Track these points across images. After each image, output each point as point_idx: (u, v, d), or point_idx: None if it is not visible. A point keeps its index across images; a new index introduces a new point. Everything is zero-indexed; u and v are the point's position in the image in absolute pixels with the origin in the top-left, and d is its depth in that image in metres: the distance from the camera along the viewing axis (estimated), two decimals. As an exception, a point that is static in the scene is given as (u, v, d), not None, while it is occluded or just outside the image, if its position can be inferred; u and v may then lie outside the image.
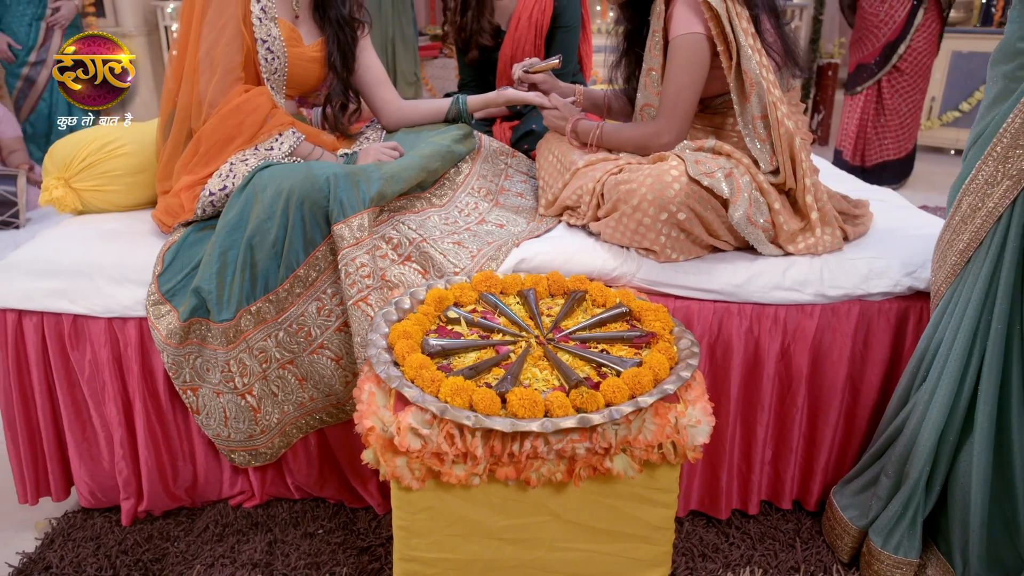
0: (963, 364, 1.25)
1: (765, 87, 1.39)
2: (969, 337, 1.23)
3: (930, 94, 4.52)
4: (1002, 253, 1.17)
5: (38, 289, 1.42)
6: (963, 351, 1.24)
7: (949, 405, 1.26)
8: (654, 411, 0.99)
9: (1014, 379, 1.22)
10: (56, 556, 1.44)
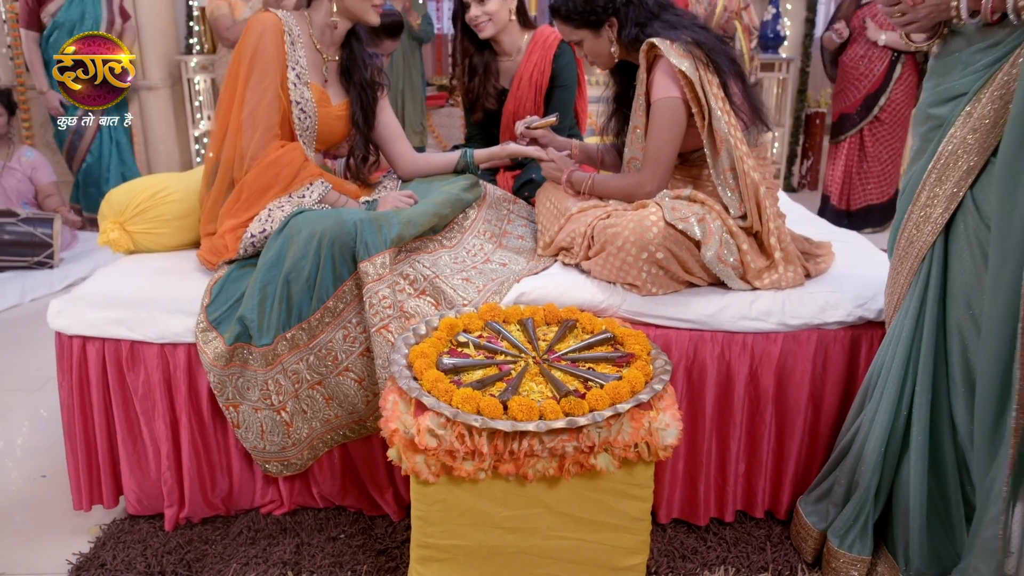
0: (899, 387, 1.44)
1: (733, 143, 1.61)
2: (903, 363, 1.43)
3: (910, 141, 4.76)
4: (927, 288, 1.38)
5: (100, 318, 1.63)
6: (899, 375, 1.43)
7: (890, 423, 1.45)
8: (630, 416, 1.18)
9: (943, 399, 1.41)
10: (109, 556, 1.62)
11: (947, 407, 1.41)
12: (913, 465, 1.44)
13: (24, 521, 1.79)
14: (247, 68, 1.71)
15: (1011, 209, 1.15)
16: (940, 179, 1.34)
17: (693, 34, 1.65)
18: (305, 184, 1.71)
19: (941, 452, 1.43)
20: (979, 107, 1.26)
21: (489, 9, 2.16)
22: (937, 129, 1.35)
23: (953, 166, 1.31)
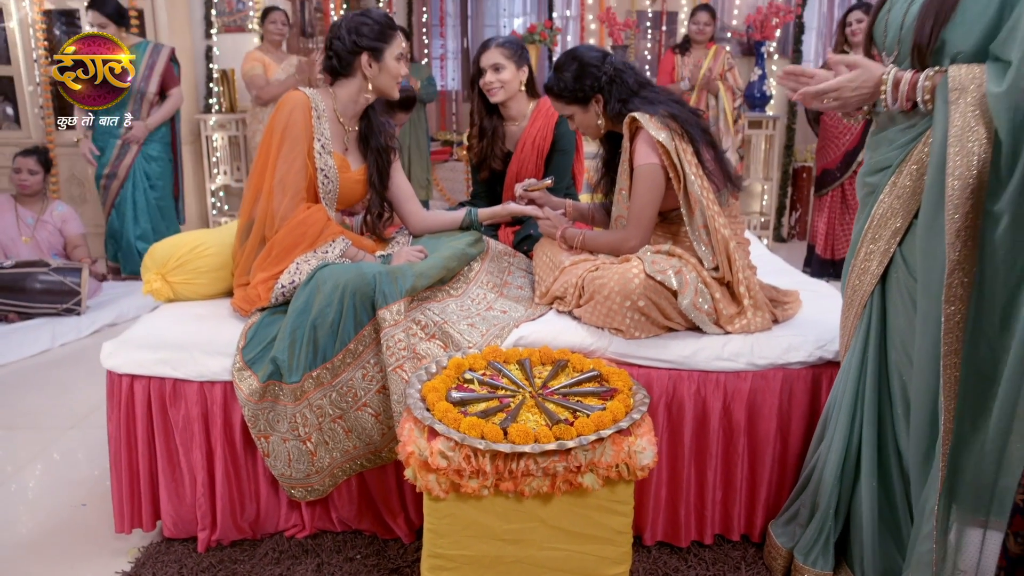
0: (850, 419, 1.64)
1: (705, 204, 1.84)
2: (852, 398, 1.63)
3: None
4: (868, 331, 1.58)
5: (147, 359, 1.84)
6: (849, 409, 1.63)
7: (843, 451, 1.64)
8: (612, 440, 1.38)
9: (888, 429, 1.60)
10: (148, 573, 1.80)
11: (892, 436, 1.60)
12: (864, 488, 1.63)
13: (69, 544, 1.97)
14: (279, 140, 1.95)
15: (931, 264, 1.36)
16: (874, 237, 1.56)
17: (669, 108, 1.89)
18: (328, 241, 1.94)
19: (889, 476, 1.62)
20: (901, 178, 1.49)
21: (503, 77, 2.42)
22: (871, 195, 1.57)
23: (884, 226, 1.53)
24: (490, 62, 2.42)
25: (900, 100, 1.41)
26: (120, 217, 4.23)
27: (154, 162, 4.30)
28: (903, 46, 1.46)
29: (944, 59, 1.38)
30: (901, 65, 1.46)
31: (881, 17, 1.52)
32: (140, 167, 4.24)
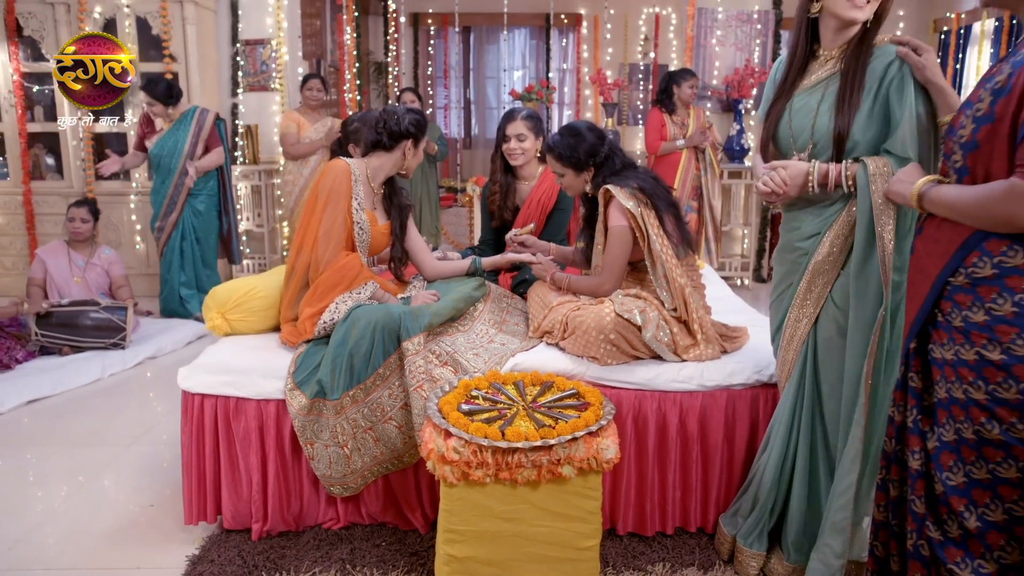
0: (786, 435, 2.06)
1: (665, 259, 2.30)
2: (789, 419, 2.06)
3: None
4: (804, 365, 2.02)
5: (214, 381, 2.28)
6: (786, 427, 2.06)
7: (780, 459, 2.06)
8: (584, 440, 1.82)
9: (817, 443, 2.03)
10: (215, 555, 2.22)
11: (822, 447, 2.03)
12: (796, 488, 2.06)
13: (144, 536, 2.39)
14: (324, 199, 2.41)
15: (862, 302, 1.82)
16: (810, 287, 1.99)
17: (640, 183, 2.35)
18: (362, 284, 2.39)
19: (816, 479, 2.05)
20: (828, 240, 1.92)
21: (525, 146, 2.90)
22: (804, 256, 2.00)
23: (818, 278, 1.96)
24: (516, 132, 2.89)
25: (829, 184, 1.85)
26: (167, 265, 4.72)
27: (200, 216, 4.80)
28: (819, 144, 1.91)
29: (850, 151, 1.84)
30: (820, 158, 1.91)
31: (783, 128, 1.97)
32: (188, 220, 4.76)
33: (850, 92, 1.84)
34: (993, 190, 1.34)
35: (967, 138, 1.42)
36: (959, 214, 1.42)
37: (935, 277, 1.46)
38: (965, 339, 1.39)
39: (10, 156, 5.68)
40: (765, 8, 6.05)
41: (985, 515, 1.33)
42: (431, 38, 9.76)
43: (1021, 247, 1.33)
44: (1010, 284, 1.34)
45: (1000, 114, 1.35)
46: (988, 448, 1.33)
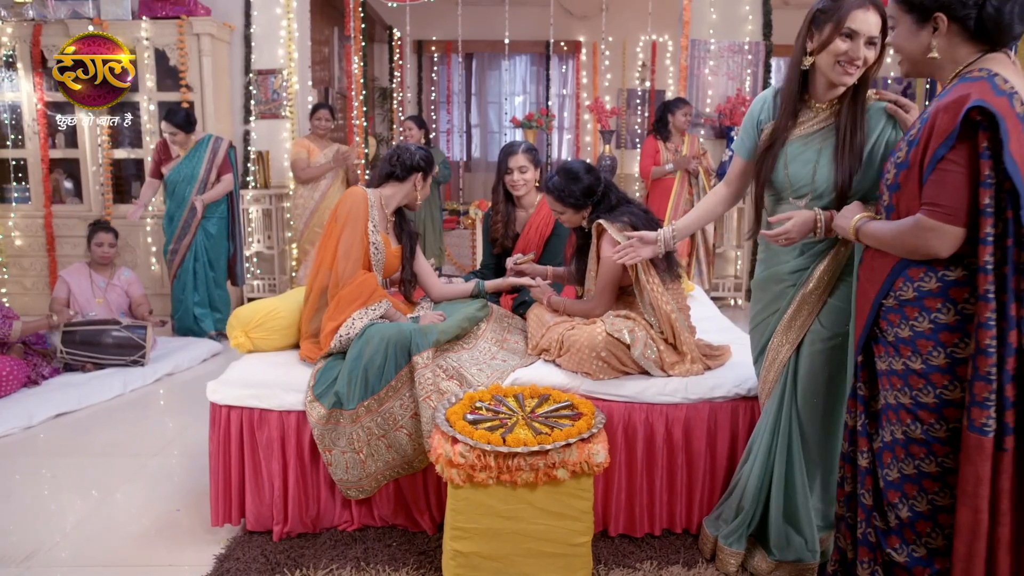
0: (768, 447, 2.27)
1: (651, 287, 2.51)
2: (771, 433, 2.26)
3: None
4: (785, 384, 2.23)
5: (240, 394, 2.49)
6: (768, 440, 2.26)
7: (762, 472, 2.27)
8: (577, 446, 2.03)
9: (796, 458, 2.23)
10: (239, 554, 2.42)
11: (799, 458, 2.23)
12: (775, 496, 2.26)
13: (173, 537, 2.59)
14: (343, 222, 2.64)
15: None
16: (795, 316, 2.18)
17: (631, 218, 2.57)
18: (377, 301, 2.61)
19: (793, 487, 2.25)
20: (817, 274, 2.11)
21: (527, 177, 3.13)
22: (790, 287, 2.19)
23: (804, 308, 2.15)
24: (517, 164, 3.12)
25: (820, 233, 2.04)
26: (181, 286, 4.96)
27: (212, 239, 5.05)
28: (819, 192, 2.08)
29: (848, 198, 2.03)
30: (819, 203, 2.09)
31: (779, 173, 2.14)
32: (201, 243, 5.00)
33: (850, 148, 2.02)
34: (905, 224, 1.57)
35: (891, 181, 1.65)
36: (885, 245, 1.65)
37: (872, 300, 1.69)
38: (895, 352, 1.62)
39: (32, 181, 5.93)
40: (756, 40, 6.31)
41: (914, 506, 1.55)
42: (435, 64, 10.06)
43: (934, 273, 1.56)
44: (927, 304, 1.57)
45: (913, 161, 1.58)
46: (913, 446, 1.55)
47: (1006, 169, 1.47)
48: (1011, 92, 1.53)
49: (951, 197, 1.53)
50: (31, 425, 3.59)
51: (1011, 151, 1.46)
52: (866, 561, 1.71)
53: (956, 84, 1.60)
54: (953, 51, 1.65)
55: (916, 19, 1.67)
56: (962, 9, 1.60)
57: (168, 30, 5.72)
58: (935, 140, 1.54)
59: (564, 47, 9.79)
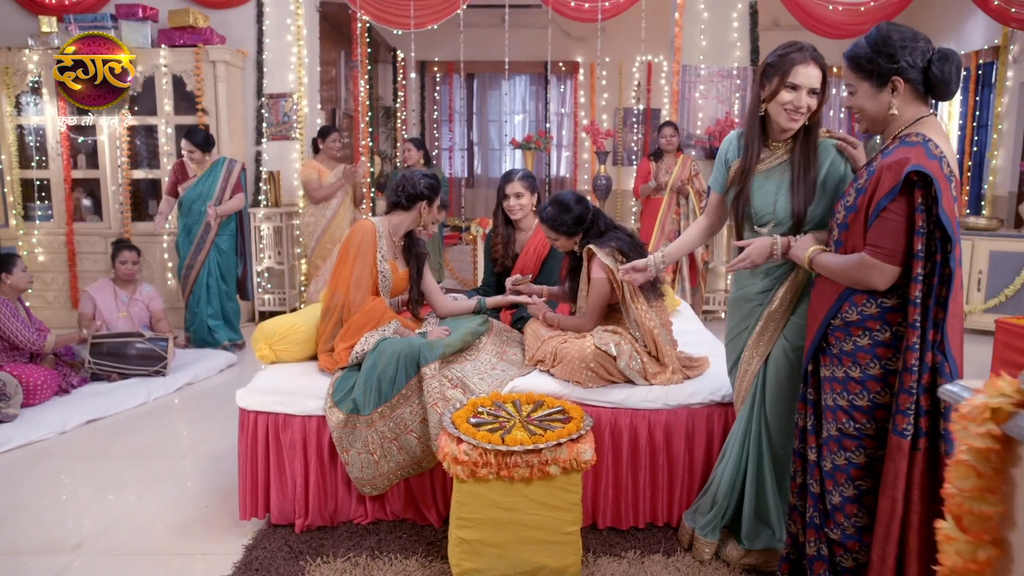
0: (740, 451, 2.55)
1: (635, 306, 2.80)
2: (743, 435, 2.54)
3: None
4: (755, 393, 2.51)
5: (266, 400, 2.78)
6: (740, 443, 2.54)
7: (735, 471, 2.54)
8: (567, 446, 2.31)
9: (765, 458, 2.51)
10: (265, 543, 2.70)
11: (768, 458, 2.50)
12: (747, 490, 2.54)
13: (204, 530, 2.87)
14: (354, 253, 2.93)
15: None
16: (763, 332, 2.47)
17: (619, 243, 2.86)
18: (386, 323, 2.90)
19: (763, 483, 2.52)
20: (779, 295, 2.40)
21: (522, 203, 3.40)
22: (758, 307, 2.48)
23: (770, 324, 2.44)
24: (514, 191, 3.40)
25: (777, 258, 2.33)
26: (196, 300, 5.25)
27: (224, 255, 5.34)
28: (779, 220, 2.35)
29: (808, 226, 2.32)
30: (780, 230, 2.36)
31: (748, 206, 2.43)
32: (214, 258, 5.28)
33: (803, 181, 2.29)
34: (851, 260, 1.86)
35: (841, 220, 1.95)
36: (833, 275, 1.94)
37: (822, 319, 1.98)
38: (839, 362, 1.91)
39: (55, 200, 6.23)
40: (744, 65, 6.63)
41: (843, 492, 1.83)
42: (437, 84, 10.38)
43: (874, 300, 1.85)
44: (868, 325, 1.86)
45: (860, 206, 1.88)
46: (846, 440, 1.84)
47: (939, 220, 1.77)
48: (941, 156, 1.84)
49: (891, 241, 1.83)
50: (65, 430, 3.88)
51: (944, 206, 1.77)
52: (812, 540, 2.00)
53: (898, 146, 1.90)
54: (906, 108, 1.95)
55: (875, 84, 1.97)
56: (913, 72, 1.91)
57: (185, 57, 6.04)
58: (880, 192, 1.84)
59: (562, 67, 10.10)
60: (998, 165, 7.13)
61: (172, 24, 6.08)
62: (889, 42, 1.93)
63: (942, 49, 1.95)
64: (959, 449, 1.18)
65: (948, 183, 1.83)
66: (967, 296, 6.11)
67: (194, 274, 5.29)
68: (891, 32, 1.95)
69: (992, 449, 1.12)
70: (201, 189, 5.27)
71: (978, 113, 7.61)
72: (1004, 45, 7.07)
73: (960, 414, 1.18)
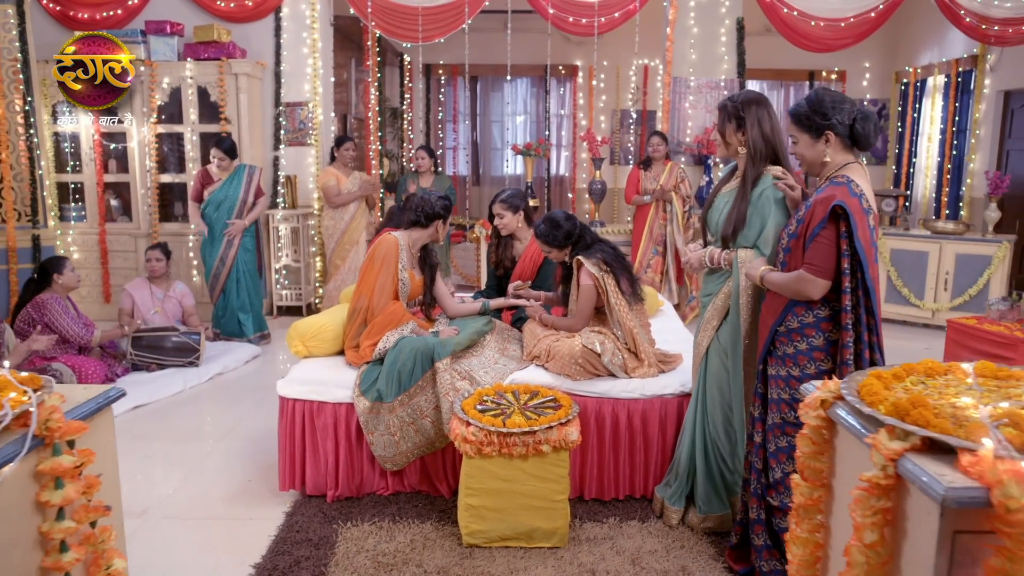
0: (692, 429, 3.03)
1: (619, 310, 3.28)
2: (694, 412, 3.03)
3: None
4: (700, 382, 2.99)
5: (302, 390, 3.27)
6: (692, 419, 3.03)
7: (690, 447, 3.03)
8: (557, 428, 2.80)
9: (708, 439, 2.99)
10: (302, 510, 3.20)
11: (711, 439, 2.98)
12: (698, 466, 3.03)
13: (248, 498, 3.37)
14: (379, 264, 3.42)
15: (735, 341, 2.79)
16: (706, 327, 2.97)
17: (603, 255, 3.34)
18: (405, 323, 3.39)
19: (710, 460, 3.01)
20: (718, 299, 2.90)
21: (504, 222, 3.87)
22: (706, 307, 3.00)
23: (709, 323, 2.94)
24: (497, 212, 3.89)
25: (715, 264, 2.83)
26: (226, 295, 5.73)
27: (248, 252, 5.81)
28: (718, 236, 2.88)
29: (737, 243, 2.80)
30: (717, 244, 2.87)
31: (709, 218, 2.94)
32: (241, 257, 5.76)
33: (736, 209, 2.80)
34: (792, 276, 2.34)
35: (785, 245, 2.42)
36: (779, 289, 2.42)
37: (771, 327, 2.46)
38: (783, 363, 2.39)
39: (88, 202, 6.71)
40: (731, 77, 7.07)
41: (784, 469, 2.32)
42: (442, 86, 10.81)
43: (811, 311, 2.33)
44: (806, 332, 2.35)
45: (799, 233, 2.36)
46: (788, 428, 2.32)
47: (855, 246, 2.24)
48: (861, 194, 2.31)
49: (822, 260, 2.31)
50: (115, 415, 4.35)
51: (858, 235, 2.24)
52: (755, 507, 2.49)
53: (828, 185, 2.37)
54: (835, 156, 2.43)
55: (812, 136, 2.44)
56: (841, 128, 2.39)
57: (210, 70, 6.49)
58: (814, 222, 2.32)
59: (562, 70, 10.52)
60: (975, 169, 7.56)
61: (197, 39, 6.53)
62: (823, 104, 2.41)
63: (863, 110, 2.42)
64: (805, 426, 1.68)
65: (865, 216, 2.31)
66: (935, 295, 6.59)
67: (226, 271, 5.74)
68: (824, 96, 2.42)
69: (821, 426, 1.61)
70: (226, 192, 5.71)
71: (957, 119, 8.03)
72: (982, 55, 7.50)
73: (805, 403, 1.68)
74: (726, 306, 2.87)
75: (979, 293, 6.35)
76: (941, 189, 8.16)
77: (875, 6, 6.81)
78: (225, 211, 5.74)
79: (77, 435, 1.53)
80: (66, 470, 1.46)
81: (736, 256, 2.78)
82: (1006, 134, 7.42)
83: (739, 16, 6.99)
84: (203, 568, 2.81)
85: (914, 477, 1.27)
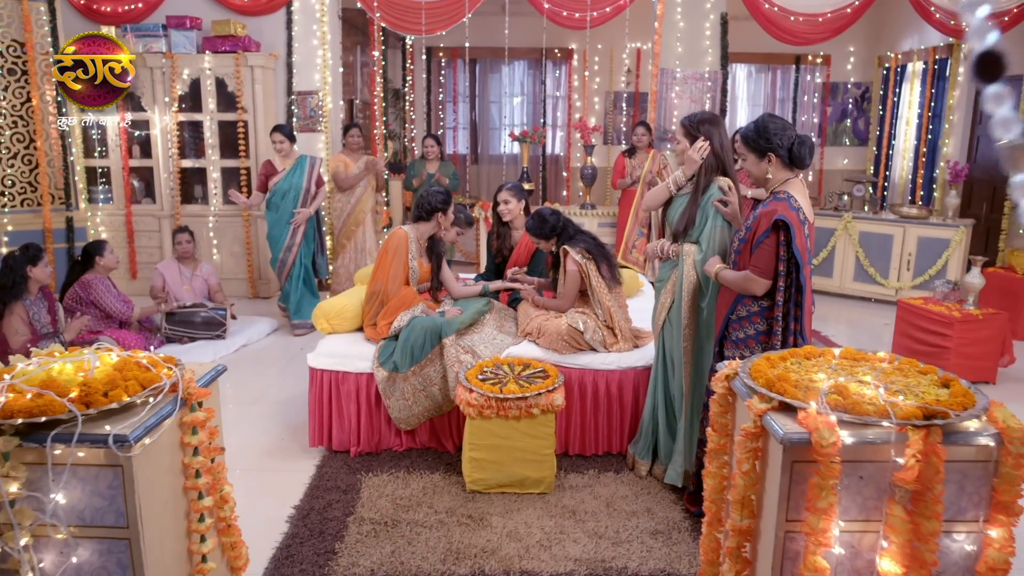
0: (654, 391, 3.61)
1: (600, 293, 3.83)
2: (655, 382, 3.59)
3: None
4: (659, 352, 3.55)
5: (329, 361, 3.83)
6: (653, 387, 3.60)
7: (651, 407, 3.61)
8: (545, 394, 3.37)
9: (666, 400, 3.57)
10: (329, 463, 3.78)
11: (669, 401, 3.56)
12: (660, 424, 3.60)
13: (283, 454, 3.94)
14: (392, 255, 3.96)
15: (679, 321, 3.35)
16: (661, 308, 3.52)
17: (585, 244, 3.88)
18: (415, 305, 3.94)
19: (669, 418, 3.58)
20: (668, 285, 3.45)
21: (510, 207, 4.39)
22: (659, 292, 3.54)
23: (663, 305, 3.49)
24: (503, 199, 4.41)
25: (665, 255, 3.39)
26: (291, 279, 6.15)
27: (308, 239, 6.21)
28: (673, 231, 3.43)
29: (687, 238, 3.36)
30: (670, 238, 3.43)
31: (669, 215, 3.49)
32: (303, 246, 6.15)
33: (689, 212, 3.34)
34: (740, 275, 2.89)
35: (736, 247, 2.97)
36: (730, 284, 2.97)
37: (724, 314, 3.01)
38: (735, 346, 2.95)
39: (114, 185, 7.21)
40: (715, 69, 7.55)
41: None
42: (442, 68, 11.24)
43: (756, 302, 2.88)
44: (753, 320, 2.91)
45: (747, 239, 2.90)
46: None
47: (793, 251, 2.78)
48: (798, 208, 2.84)
49: (764, 263, 2.85)
50: (157, 382, 4.92)
51: (796, 243, 2.78)
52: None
53: (771, 200, 2.89)
54: (777, 173, 2.95)
55: (757, 156, 2.96)
56: (781, 150, 2.91)
57: (227, 62, 6.95)
58: (759, 231, 2.85)
59: (557, 53, 10.95)
60: (949, 152, 8.03)
61: (215, 32, 6.98)
62: (767, 130, 2.92)
63: (800, 136, 2.95)
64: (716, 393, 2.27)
65: (802, 226, 2.85)
66: (898, 275, 7.14)
67: (293, 257, 6.10)
68: (768, 123, 2.94)
69: (726, 394, 2.20)
70: (290, 183, 6.02)
71: (933, 104, 8.47)
72: (957, 43, 7.92)
73: (716, 377, 2.25)
74: (673, 293, 3.42)
75: (938, 273, 6.90)
76: (917, 172, 8.60)
77: (851, 2, 7.27)
78: (291, 200, 6.04)
79: (204, 398, 2.12)
80: (200, 422, 2.09)
81: (683, 250, 3.32)
82: (977, 120, 7.87)
83: (723, 11, 7.45)
84: (254, 508, 3.38)
85: (770, 427, 1.86)
